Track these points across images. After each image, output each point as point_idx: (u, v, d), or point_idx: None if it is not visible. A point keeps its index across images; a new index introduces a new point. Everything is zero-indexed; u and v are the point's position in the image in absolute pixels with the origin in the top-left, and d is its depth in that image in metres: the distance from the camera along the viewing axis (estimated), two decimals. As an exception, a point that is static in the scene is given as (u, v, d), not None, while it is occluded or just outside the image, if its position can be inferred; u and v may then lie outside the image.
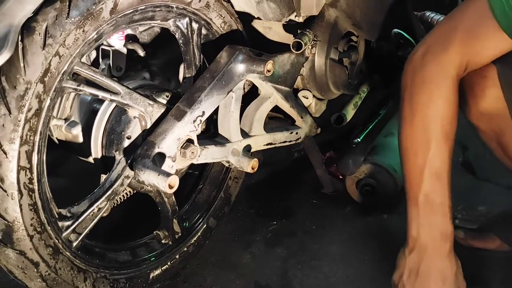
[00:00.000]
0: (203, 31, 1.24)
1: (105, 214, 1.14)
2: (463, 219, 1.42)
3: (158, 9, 1.12)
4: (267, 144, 1.33)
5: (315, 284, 1.35)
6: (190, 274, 1.38)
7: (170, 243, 1.30)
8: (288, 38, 1.34)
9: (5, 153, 0.92)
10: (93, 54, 1.27)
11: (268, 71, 1.19)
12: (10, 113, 0.91)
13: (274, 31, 1.36)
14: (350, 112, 1.46)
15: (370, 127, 1.53)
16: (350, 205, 1.58)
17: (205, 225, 1.39)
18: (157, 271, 1.28)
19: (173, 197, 1.25)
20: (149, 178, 1.07)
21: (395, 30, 1.41)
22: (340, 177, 1.58)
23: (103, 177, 1.19)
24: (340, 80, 1.42)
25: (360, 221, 1.54)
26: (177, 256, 1.32)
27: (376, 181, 1.50)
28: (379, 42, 1.48)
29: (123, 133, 1.15)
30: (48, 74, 0.94)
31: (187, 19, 1.19)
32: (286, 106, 1.33)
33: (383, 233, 1.49)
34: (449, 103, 1.00)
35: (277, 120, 1.39)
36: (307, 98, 1.40)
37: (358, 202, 1.56)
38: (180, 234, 1.32)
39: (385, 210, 1.55)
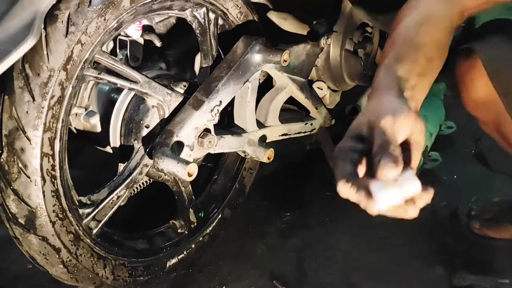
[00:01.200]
0: (220, 21, 1.25)
1: (122, 203, 1.15)
2: (478, 209, 1.43)
3: (176, -2, 1.13)
4: (282, 135, 1.34)
5: (330, 274, 1.35)
6: (206, 264, 1.39)
7: (186, 232, 1.31)
8: (303, 29, 1.34)
9: (28, 139, 0.93)
10: (111, 44, 1.28)
11: (285, 61, 1.20)
12: (34, 100, 0.92)
13: (289, 22, 1.36)
14: (364, 104, 1.46)
15: (383, 119, 1.53)
16: None
17: (220, 216, 1.39)
18: (174, 260, 1.29)
19: (190, 186, 1.26)
20: (169, 166, 1.08)
21: None
22: None
23: (121, 166, 1.20)
24: (355, 71, 1.42)
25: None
26: (193, 246, 1.33)
27: None
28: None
29: (141, 122, 1.16)
30: (71, 62, 0.96)
31: (204, 9, 1.20)
32: (301, 97, 1.34)
33: (396, 224, 1.50)
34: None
35: (291, 111, 1.40)
36: (322, 89, 1.41)
37: None
38: (195, 224, 1.33)
39: (397, 200, 1.55)
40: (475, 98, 1.11)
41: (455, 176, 1.66)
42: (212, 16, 1.22)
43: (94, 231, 1.10)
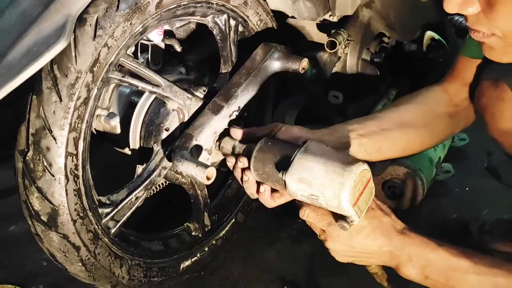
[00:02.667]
0: (240, 28, 1.27)
1: (140, 204, 1.17)
2: (490, 224, 1.43)
3: (199, 5, 1.15)
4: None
5: (340, 283, 1.36)
6: (217, 267, 1.41)
7: (200, 235, 1.33)
8: (320, 38, 1.36)
9: (54, 138, 0.95)
10: (132, 47, 1.30)
11: (303, 68, 1.22)
12: (61, 100, 0.94)
13: (307, 30, 1.38)
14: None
15: (397, 129, 1.55)
16: None
17: (234, 220, 1.41)
18: (187, 262, 1.30)
19: (206, 190, 1.28)
20: (187, 169, 1.09)
21: (428, 31, 1.43)
22: None
23: (139, 167, 1.22)
24: (371, 81, 1.44)
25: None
26: (206, 249, 1.35)
27: (402, 183, 1.52)
28: (411, 43, 1.50)
29: (161, 125, 1.18)
30: (97, 64, 0.98)
31: (225, 15, 1.22)
32: (317, 104, 1.36)
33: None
34: None
35: (307, 117, 1.42)
36: (338, 97, 1.42)
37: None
38: (209, 227, 1.35)
39: (409, 211, 1.55)
40: (503, 127, 1.10)
41: (466, 189, 1.67)
42: (232, 22, 1.24)
43: (112, 231, 1.11)
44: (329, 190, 0.94)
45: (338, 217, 0.99)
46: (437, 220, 1.53)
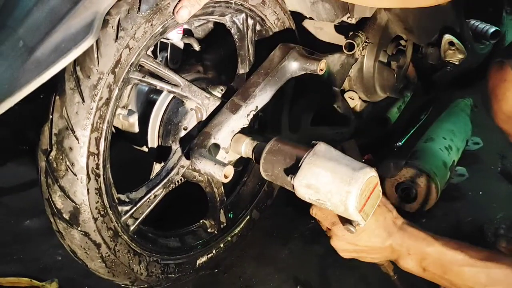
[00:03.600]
0: (257, 27, 1.28)
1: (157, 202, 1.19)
2: (505, 228, 1.44)
3: (218, 4, 1.16)
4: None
5: (353, 283, 1.37)
6: (230, 265, 1.43)
7: (216, 232, 1.34)
8: (338, 39, 1.36)
9: (77, 138, 0.96)
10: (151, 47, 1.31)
11: (321, 70, 1.22)
12: (83, 101, 0.96)
13: (325, 32, 1.38)
14: (394, 115, 1.48)
15: (412, 131, 1.55)
16: None
17: (249, 217, 1.43)
18: (204, 258, 1.32)
19: (222, 188, 1.29)
20: (206, 167, 1.10)
21: (447, 35, 1.43)
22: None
23: (157, 165, 1.24)
24: (388, 83, 1.44)
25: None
26: (222, 245, 1.37)
27: (416, 185, 1.52)
28: (428, 46, 1.49)
29: (180, 124, 1.19)
30: (119, 65, 0.99)
31: (243, 15, 1.22)
32: (333, 106, 1.36)
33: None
34: None
35: (322, 119, 1.42)
36: (353, 99, 1.43)
37: (396, 206, 1.57)
38: (225, 224, 1.36)
39: (422, 214, 1.56)
40: (506, 110, 1.13)
41: (480, 192, 1.66)
42: (250, 22, 1.25)
43: (131, 228, 1.13)
44: (336, 197, 0.96)
45: (345, 220, 1.01)
46: (452, 223, 1.53)
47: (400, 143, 1.51)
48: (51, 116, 0.97)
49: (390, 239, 1.04)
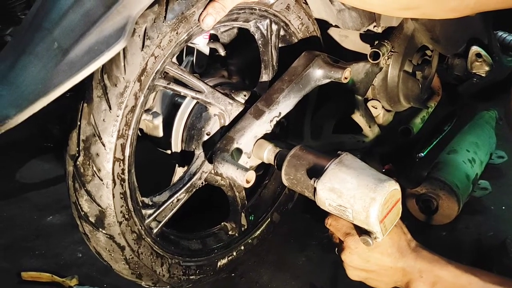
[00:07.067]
0: (281, 32, 1.28)
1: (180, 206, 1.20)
2: None
3: (242, 11, 1.17)
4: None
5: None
6: (247, 270, 1.43)
7: (237, 234, 1.36)
8: (363, 48, 1.35)
9: (104, 145, 0.99)
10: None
11: (346, 78, 1.22)
12: (110, 108, 0.98)
13: (350, 40, 1.37)
14: (417, 126, 1.47)
15: (435, 142, 1.54)
16: (408, 220, 1.55)
17: (269, 220, 1.44)
18: (224, 261, 1.34)
19: (244, 191, 1.31)
20: (228, 172, 1.11)
21: (474, 47, 1.40)
22: None
23: (179, 169, 1.25)
24: (412, 93, 1.42)
25: (417, 237, 1.54)
26: (242, 248, 1.38)
27: (438, 197, 1.50)
28: (455, 57, 1.47)
29: (203, 129, 1.21)
30: (144, 74, 1.01)
31: (267, 20, 1.23)
32: (356, 114, 1.36)
33: (439, 250, 1.51)
34: None
35: (345, 127, 1.42)
36: (376, 108, 1.42)
37: (416, 218, 1.56)
38: (246, 227, 1.38)
39: (443, 227, 1.54)
40: None
41: (503, 207, 1.64)
42: (274, 27, 1.25)
43: (154, 231, 1.15)
44: (359, 203, 0.95)
45: (362, 232, 1.01)
46: (473, 237, 1.51)
47: (422, 154, 1.49)
48: (79, 123, 0.99)
49: (402, 260, 1.02)
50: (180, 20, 1.03)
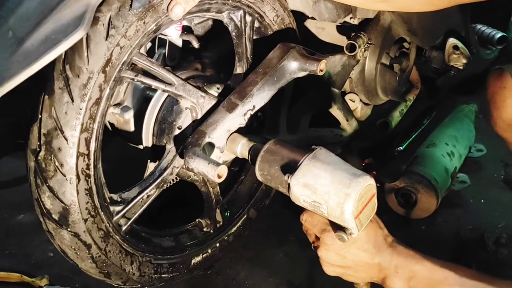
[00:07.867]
0: (256, 24, 1.25)
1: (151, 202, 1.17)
2: (506, 237, 1.41)
3: (214, 1, 1.13)
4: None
5: (347, 288, 1.35)
6: (224, 267, 1.41)
7: (212, 231, 1.33)
8: (340, 40, 1.33)
9: (66, 139, 0.95)
10: (147, 44, 1.29)
11: (321, 70, 1.19)
12: (73, 101, 0.94)
13: (326, 32, 1.35)
14: (395, 119, 1.45)
15: (413, 136, 1.52)
16: (387, 214, 1.53)
17: (246, 216, 1.41)
18: (198, 258, 1.31)
19: (218, 187, 1.27)
20: (199, 167, 1.08)
21: (451, 39, 1.38)
22: (378, 185, 1.57)
23: (151, 164, 1.22)
24: (389, 86, 1.40)
25: (397, 231, 1.52)
26: (218, 245, 1.35)
27: (416, 191, 1.49)
28: (432, 50, 1.45)
29: (174, 123, 1.17)
30: (109, 64, 0.97)
31: (241, 11, 1.19)
32: (333, 108, 1.33)
33: (419, 245, 1.50)
34: None
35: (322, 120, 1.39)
36: (354, 101, 1.40)
37: (395, 212, 1.55)
38: (221, 223, 1.35)
39: (423, 221, 1.53)
40: (505, 118, 1.11)
41: (482, 200, 1.63)
42: (248, 19, 1.22)
43: (123, 228, 1.12)
44: (333, 199, 0.93)
45: (337, 228, 0.99)
46: (452, 230, 1.49)
47: (401, 148, 1.48)
48: (40, 116, 0.95)
49: (378, 255, 1.01)
50: (147, 9, 0.99)
